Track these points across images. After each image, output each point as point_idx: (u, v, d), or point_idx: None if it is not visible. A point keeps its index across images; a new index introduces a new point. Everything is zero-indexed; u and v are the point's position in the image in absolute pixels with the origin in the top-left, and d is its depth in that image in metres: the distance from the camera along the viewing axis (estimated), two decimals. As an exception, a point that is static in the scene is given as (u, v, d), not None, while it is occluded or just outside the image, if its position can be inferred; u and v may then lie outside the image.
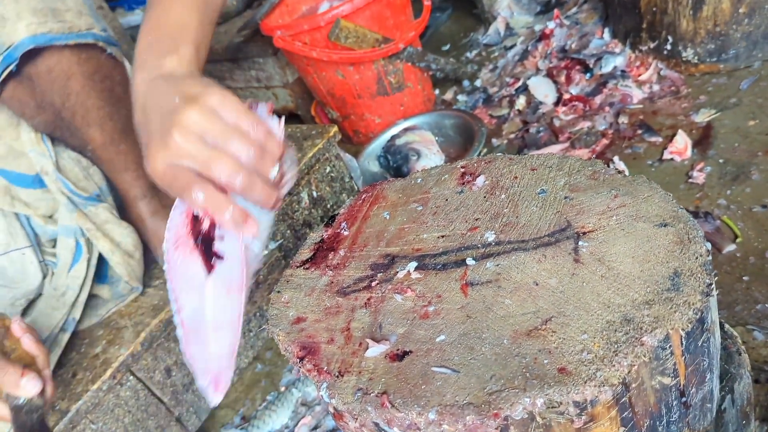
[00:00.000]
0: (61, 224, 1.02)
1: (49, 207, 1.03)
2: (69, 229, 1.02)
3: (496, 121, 1.81)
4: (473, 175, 0.78)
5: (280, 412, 1.21)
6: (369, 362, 0.59)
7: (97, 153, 0.99)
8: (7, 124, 0.96)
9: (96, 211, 1.02)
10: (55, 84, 0.90)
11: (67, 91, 0.91)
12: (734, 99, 1.45)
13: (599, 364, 0.50)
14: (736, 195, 1.22)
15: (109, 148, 0.98)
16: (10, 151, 0.98)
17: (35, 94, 0.91)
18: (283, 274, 0.77)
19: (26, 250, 1.01)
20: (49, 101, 0.91)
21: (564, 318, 0.55)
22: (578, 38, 1.88)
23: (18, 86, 0.90)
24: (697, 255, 0.56)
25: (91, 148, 0.98)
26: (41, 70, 0.89)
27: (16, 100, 0.91)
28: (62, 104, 0.92)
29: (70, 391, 0.97)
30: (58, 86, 0.90)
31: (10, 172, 0.99)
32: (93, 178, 1.03)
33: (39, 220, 1.03)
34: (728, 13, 1.45)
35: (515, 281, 0.61)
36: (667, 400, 0.56)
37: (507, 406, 0.50)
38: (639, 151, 1.44)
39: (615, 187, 0.67)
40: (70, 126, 0.95)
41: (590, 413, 0.51)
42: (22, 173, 1.00)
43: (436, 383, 0.54)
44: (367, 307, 0.66)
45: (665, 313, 0.52)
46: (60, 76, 0.90)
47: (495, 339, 0.56)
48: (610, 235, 0.61)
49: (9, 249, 0.99)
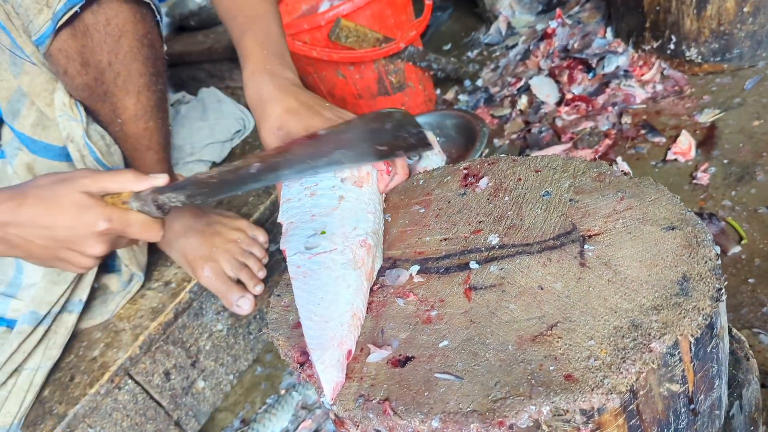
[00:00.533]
0: None
1: None
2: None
3: (497, 121, 1.80)
4: (476, 177, 0.77)
5: (280, 416, 1.20)
6: (371, 368, 0.58)
7: (125, 126, 0.98)
8: (43, 89, 0.96)
9: None
10: (108, 39, 0.90)
11: (117, 49, 0.91)
12: (738, 99, 1.44)
13: (606, 371, 0.49)
14: (740, 196, 1.21)
15: (139, 122, 0.98)
16: (40, 119, 0.98)
17: (85, 50, 0.90)
18: (283, 278, 0.76)
19: None
20: (96, 59, 0.91)
21: (570, 323, 0.54)
22: (580, 38, 1.86)
23: (71, 38, 0.88)
24: (706, 259, 0.55)
25: (121, 120, 0.98)
26: (100, 21, 0.88)
27: (64, 54, 0.90)
28: (108, 64, 0.91)
29: (67, 394, 0.96)
30: (110, 42, 0.90)
31: (39, 141, 0.99)
32: (114, 157, 1.02)
33: None
34: (732, 12, 1.44)
35: (520, 285, 0.60)
36: (675, 408, 0.54)
37: (512, 413, 0.49)
38: (642, 151, 1.43)
39: (621, 189, 0.66)
40: (108, 91, 0.94)
41: (597, 421, 0.50)
42: (50, 143, 0.99)
43: (439, 390, 0.53)
44: (369, 311, 0.65)
45: (674, 319, 0.51)
46: (114, 32, 0.90)
47: (499, 345, 0.55)
48: (616, 238, 0.60)
49: None
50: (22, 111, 0.97)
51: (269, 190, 1.24)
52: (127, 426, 1.03)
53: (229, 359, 1.18)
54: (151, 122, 1.00)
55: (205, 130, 1.42)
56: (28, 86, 0.95)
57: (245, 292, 1.06)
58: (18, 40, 0.89)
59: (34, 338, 0.96)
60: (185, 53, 2.33)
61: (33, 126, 0.98)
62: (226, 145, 1.43)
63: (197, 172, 0.88)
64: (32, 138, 0.98)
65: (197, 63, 2.31)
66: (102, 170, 0.73)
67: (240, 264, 1.07)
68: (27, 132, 0.98)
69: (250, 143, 1.45)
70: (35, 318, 0.96)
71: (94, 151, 0.98)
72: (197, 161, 1.37)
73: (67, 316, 1.02)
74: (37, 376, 0.96)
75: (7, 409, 0.92)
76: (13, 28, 0.88)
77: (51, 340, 0.99)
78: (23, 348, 0.95)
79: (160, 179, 0.72)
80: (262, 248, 1.11)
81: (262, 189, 1.25)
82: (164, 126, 1.03)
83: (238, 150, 1.43)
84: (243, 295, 1.06)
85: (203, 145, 1.39)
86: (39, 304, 0.97)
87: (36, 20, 0.86)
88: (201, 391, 1.14)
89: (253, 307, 1.07)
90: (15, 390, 0.93)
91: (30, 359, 0.96)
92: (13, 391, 0.93)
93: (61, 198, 0.68)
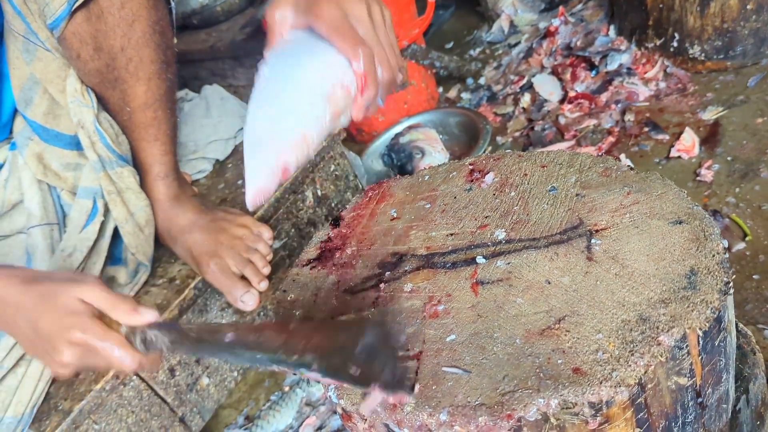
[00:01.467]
0: (82, 186, 1.02)
1: (76, 179, 1.03)
2: (89, 190, 1.02)
3: (500, 119, 1.79)
4: (482, 173, 0.77)
5: (284, 412, 1.20)
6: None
7: (134, 114, 0.99)
8: (56, 75, 0.96)
9: (122, 173, 1.02)
10: (121, 23, 0.90)
11: (130, 34, 0.92)
12: (742, 96, 1.44)
13: (615, 364, 0.49)
14: (744, 193, 1.21)
15: (148, 110, 0.98)
16: (52, 107, 0.98)
17: (98, 34, 0.91)
18: (289, 273, 0.76)
19: (54, 227, 1.01)
20: (109, 44, 0.91)
21: (578, 317, 0.54)
22: (583, 35, 1.86)
23: (85, 22, 0.89)
24: (714, 253, 0.55)
25: (130, 109, 0.98)
26: (114, 4, 0.89)
27: (77, 37, 0.90)
28: (121, 48, 0.92)
29: (72, 390, 0.96)
30: (124, 26, 0.91)
31: (50, 130, 0.99)
32: (122, 146, 1.02)
33: (67, 196, 1.03)
34: (736, 10, 1.44)
35: (527, 280, 0.60)
36: (683, 401, 0.55)
37: (520, 407, 0.49)
38: (646, 149, 1.43)
39: (628, 184, 0.66)
40: (119, 77, 0.95)
41: (605, 414, 0.50)
42: (61, 132, 1.00)
43: (447, 383, 0.53)
44: (375, 306, 0.65)
45: (682, 312, 0.51)
46: (128, 16, 0.90)
47: (507, 338, 0.55)
48: (623, 232, 0.60)
49: (42, 222, 1.00)
50: (34, 99, 0.97)
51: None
52: (132, 422, 1.03)
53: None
54: (159, 111, 1.00)
55: (208, 127, 1.42)
56: (41, 73, 0.95)
57: (250, 287, 1.06)
58: (33, 25, 0.90)
59: None
60: (187, 51, 2.33)
61: (45, 114, 0.98)
62: (230, 142, 1.42)
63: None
64: (44, 126, 0.99)
65: (199, 61, 2.31)
66: (108, 290, 0.68)
67: (245, 260, 1.07)
68: (39, 120, 0.98)
69: (253, 141, 1.45)
70: None
71: (104, 137, 0.98)
72: (200, 158, 1.37)
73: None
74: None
75: (19, 398, 0.90)
76: (29, 12, 0.89)
77: None
78: None
79: (150, 315, 0.66)
80: (266, 245, 1.11)
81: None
82: (172, 117, 1.03)
83: (242, 147, 1.44)
84: (248, 290, 1.06)
85: (207, 143, 1.38)
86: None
87: (52, 3, 0.86)
88: (205, 387, 1.14)
89: (257, 303, 1.07)
90: (26, 379, 0.92)
91: None
92: (24, 380, 0.92)
93: (58, 296, 0.67)
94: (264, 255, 1.10)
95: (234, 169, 1.36)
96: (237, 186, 1.29)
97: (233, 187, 1.29)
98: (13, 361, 0.92)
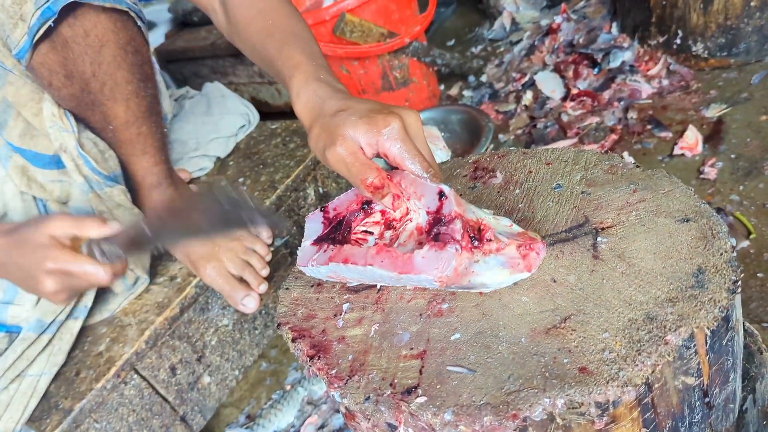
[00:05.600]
0: (72, 206, 1.01)
1: (64, 191, 1.01)
2: (81, 210, 1.00)
3: (502, 116, 1.79)
4: (486, 170, 0.76)
5: (285, 411, 1.19)
6: (381, 361, 0.57)
7: (118, 133, 0.97)
8: (29, 99, 0.94)
9: (111, 192, 1.00)
10: (89, 50, 0.89)
11: (99, 60, 0.90)
12: (745, 93, 1.43)
13: (622, 364, 0.49)
14: (748, 191, 1.20)
15: (131, 128, 0.97)
16: (28, 129, 0.96)
17: (66, 62, 0.89)
18: (291, 271, 0.75)
19: None
20: (79, 71, 0.90)
21: (584, 316, 0.54)
22: (586, 33, 1.86)
23: (50, 51, 0.88)
24: (721, 251, 0.54)
25: (112, 127, 0.97)
26: (78, 33, 0.87)
27: (46, 67, 0.89)
28: (92, 74, 0.90)
29: (73, 389, 0.96)
30: (92, 53, 0.89)
31: (28, 150, 0.97)
32: (109, 162, 1.01)
33: (54, 206, 1.01)
34: (739, 7, 1.43)
35: (532, 278, 0.59)
36: (690, 401, 0.54)
37: (526, 406, 0.49)
38: (649, 146, 1.43)
39: (634, 181, 0.65)
40: (96, 100, 0.93)
41: (612, 414, 0.49)
42: (39, 152, 0.98)
43: (451, 383, 0.53)
44: (378, 304, 0.64)
45: (690, 311, 0.50)
46: (95, 42, 0.89)
47: (512, 337, 0.55)
48: (630, 230, 0.60)
49: None
50: (8, 122, 0.95)
51: (274, 185, 1.23)
52: (133, 421, 1.02)
53: (234, 354, 1.18)
54: (144, 127, 0.98)
55: (209, 125, 1.41)
56: (14, 97, 0.93)
57: (250, 290, 1.06)
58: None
59: (39, 345, 0.95)
60: (188, 49, 2.32)
61: (20, 136, 0.96)
62: (231, 140, 1.42)
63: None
64: (21, 148, 0.97)
65: (200, 59, 2.30)
66: (73, 216, 0.77)
67: (243, 262, 1.06)
68: (15, 142, 0.96)
69: (254, 138, 1.44)
70: (41, 326, 0.95)
71: (88, 161, 0.96)
72: (202, 156, 1.36)
73: (72, 323, 1.01)
74: (40, 381, 0.95)
75: (10, 415, 0.91)
76: None
77: (56, 346, 0.98)
78: (27, 355, 0.94)
79: (115, 225, 0.76)
80: (265, 245, 1.10)
81: (267, 185, 1.25)
82: (158, 129, 1.01)
83: (243, 145, 1.43)
84: (248, 293, 1.05)
85: (208, 140, 1.38)
86: (45, 312, 0.96)
87: (13, 35, 0.85)
88: (207, 386, 1.14)
89: (258, 305, 1.06)
90: (18, 395, 0.92)
91: (33, 365, 0.95)
92: (16, 396, 0.92)
93: (29, 236, 0.75)
94: (262, 256, 1.09)
95: (235, 166, 1.36)
96: (238, 183, 1.29)
97: (234, 184, 1.28)
98: (7, 381, 0.92)
